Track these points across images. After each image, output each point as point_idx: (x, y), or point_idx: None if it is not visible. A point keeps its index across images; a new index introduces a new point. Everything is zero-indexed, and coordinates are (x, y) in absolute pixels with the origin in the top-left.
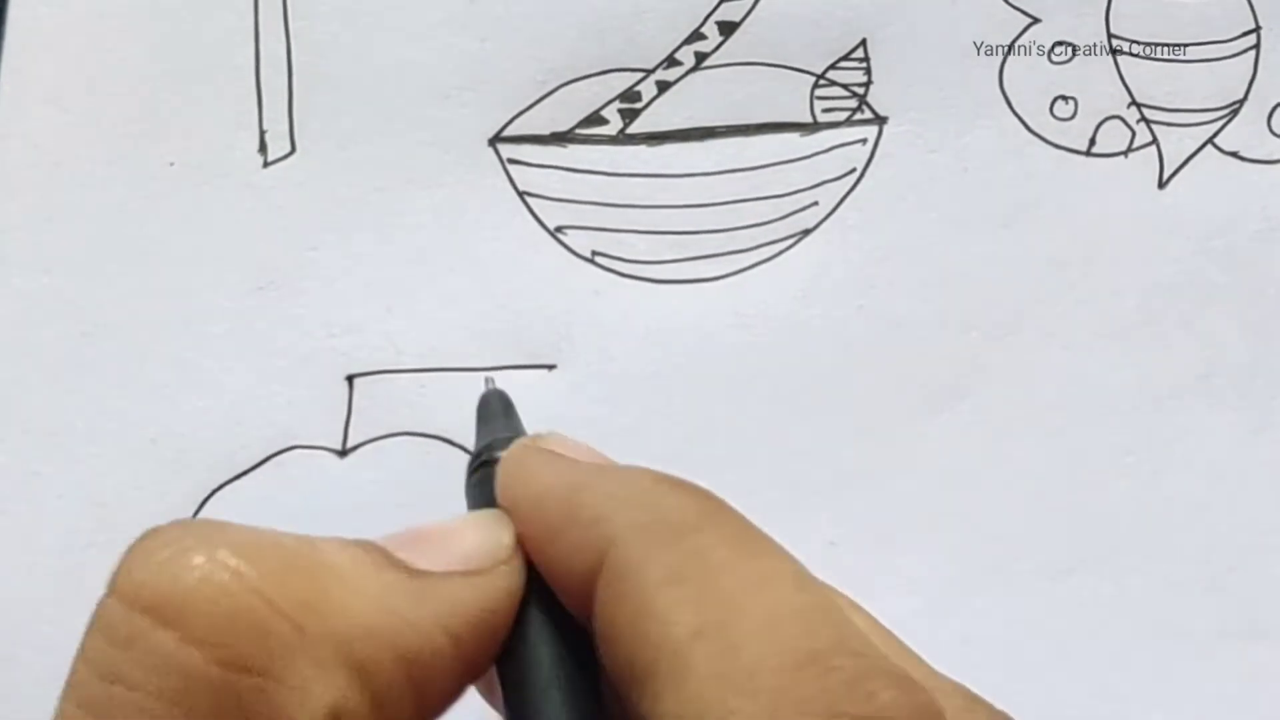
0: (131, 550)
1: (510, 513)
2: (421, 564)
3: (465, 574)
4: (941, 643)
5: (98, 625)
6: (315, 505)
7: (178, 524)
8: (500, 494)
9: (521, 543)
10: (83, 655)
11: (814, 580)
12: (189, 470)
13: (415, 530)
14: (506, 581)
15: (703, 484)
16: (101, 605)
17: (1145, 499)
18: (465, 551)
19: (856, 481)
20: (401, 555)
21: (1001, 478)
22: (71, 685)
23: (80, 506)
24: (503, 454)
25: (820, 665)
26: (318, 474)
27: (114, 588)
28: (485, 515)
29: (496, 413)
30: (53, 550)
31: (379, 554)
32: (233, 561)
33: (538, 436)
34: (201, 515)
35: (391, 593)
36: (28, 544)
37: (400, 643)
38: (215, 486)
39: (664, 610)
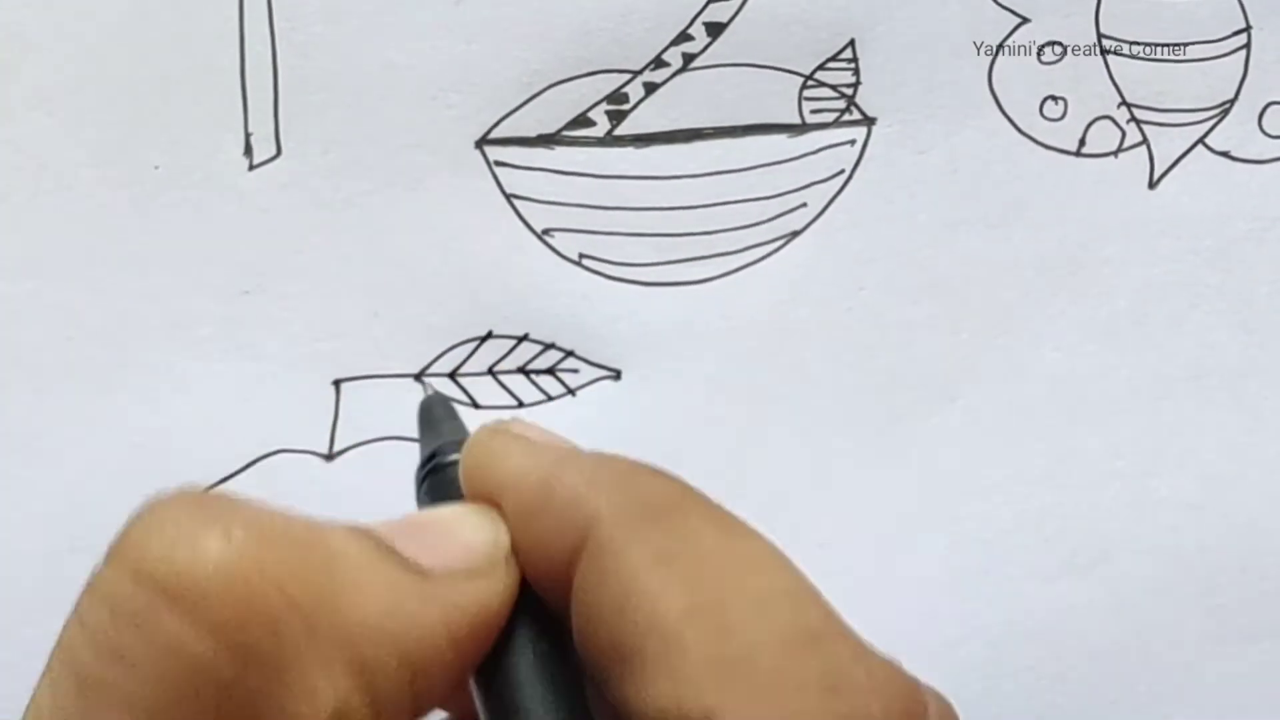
0: (141, 520)
1: (482, 498)
2: (425, 560)
3: (468, 574)
4: (933, 645)
5: (101, 595)
6: (302, 509)
7: (187, 496)
8: (467, 483)
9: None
10: (81, 623)
11: (790, 561)
12: (174, 474)
13: (413, 520)
14: (505, 581)
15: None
16: (105, 575)
17: (1137, 500)
18: (466, 548)
19: (847, 484)
20: (403, 547)
21: (992, 479)
22: (66, 651)
23: (65, 511)
24: (467, 442)
25: (815, 646)
26: (304, 478)
27: (122, 557)
28: (479, 511)
29: (440, 418)
30: (37, 555)
31: (385, 548)
32: (251, 548)
33: (500, 421)
34: None
35: (399, 592)
36: (11, 548)
37: (405, 645)
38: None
39: (653, 590)
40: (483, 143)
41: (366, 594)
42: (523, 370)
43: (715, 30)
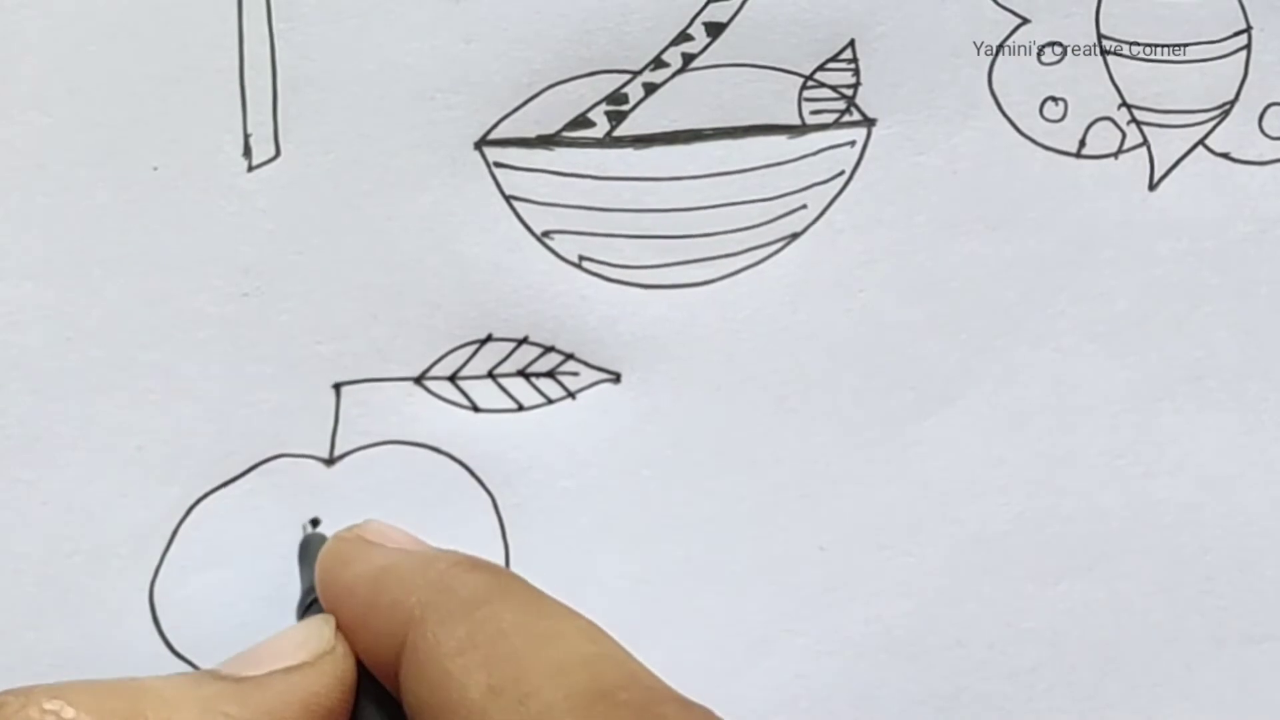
0: None
1: (329, 604)
2: (248, 671)
3: (288, 670)
4: (932, 646)
5: None
6: (302, 514)
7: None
8: (320, 591)
9: (345, 633)
10: None
11: (604, 633)
12: (175, 478)
13: (245, 651)
14: (331, 669)
15: (690, 488)
16: None
17: (1137, 501)
18: (288, 652)
19: (846, 485)
20: (228, 670)
21: (992, 481)
22: None
23: (65, 514)
24: (321, 550)
25: (609, 700)
26: (305, 482)
27: None
28: (310, 619)
29: (317, 554)
30: (38, 559)
31: (204, 674)
32: (52, 704)
33: (355, 526)
34: (188, 524)
35: (215, 700)
36: (12, 552)
37: None
38: (201, 494)
39: (458, 675)
40: (482, 143)
41: (178, 711)
42: (523, 373)
43: (715, 30)
